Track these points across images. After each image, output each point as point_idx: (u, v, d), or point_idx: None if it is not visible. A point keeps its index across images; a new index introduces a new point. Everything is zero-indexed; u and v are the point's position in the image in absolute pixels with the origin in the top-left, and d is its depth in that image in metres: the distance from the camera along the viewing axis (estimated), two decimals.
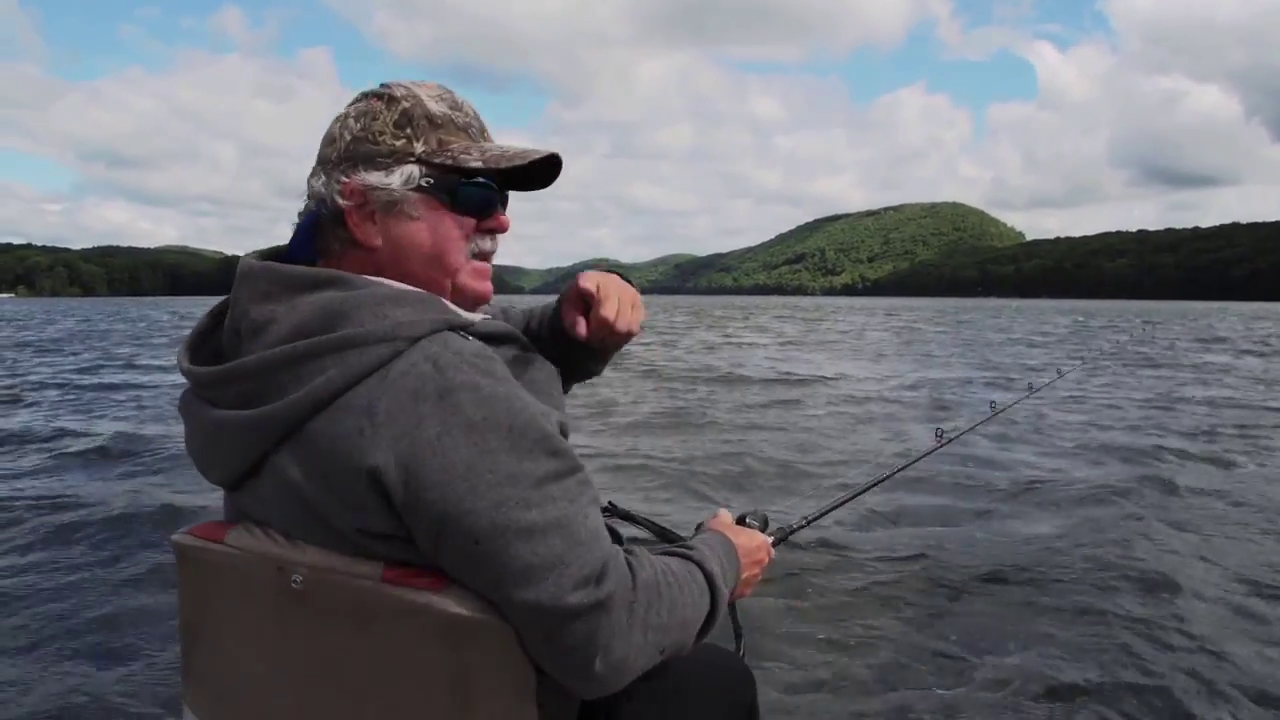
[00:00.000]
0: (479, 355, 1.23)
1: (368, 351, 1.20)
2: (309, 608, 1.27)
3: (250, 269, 1.33)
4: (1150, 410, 12.27)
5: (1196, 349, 26.91)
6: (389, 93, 1.37)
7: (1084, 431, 10.37)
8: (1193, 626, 4.30)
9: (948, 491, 7.15)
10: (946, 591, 4.93)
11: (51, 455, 8.76)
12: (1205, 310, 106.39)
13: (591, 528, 1.23)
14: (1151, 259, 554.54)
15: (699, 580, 1.38)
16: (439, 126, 1.37)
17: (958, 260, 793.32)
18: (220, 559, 1.35)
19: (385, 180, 1.33)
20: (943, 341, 30.94)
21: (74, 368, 19.01)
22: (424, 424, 1.16)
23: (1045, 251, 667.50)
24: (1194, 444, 9.52)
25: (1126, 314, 74.02)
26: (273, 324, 1.26)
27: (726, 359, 21.76)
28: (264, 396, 1.24)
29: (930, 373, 18.10)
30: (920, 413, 12.25)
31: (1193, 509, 6.63)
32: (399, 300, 1.26)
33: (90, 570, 5.14)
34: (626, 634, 1.22)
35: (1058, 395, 12.65)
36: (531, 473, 1.19)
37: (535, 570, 1.16)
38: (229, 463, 1.31)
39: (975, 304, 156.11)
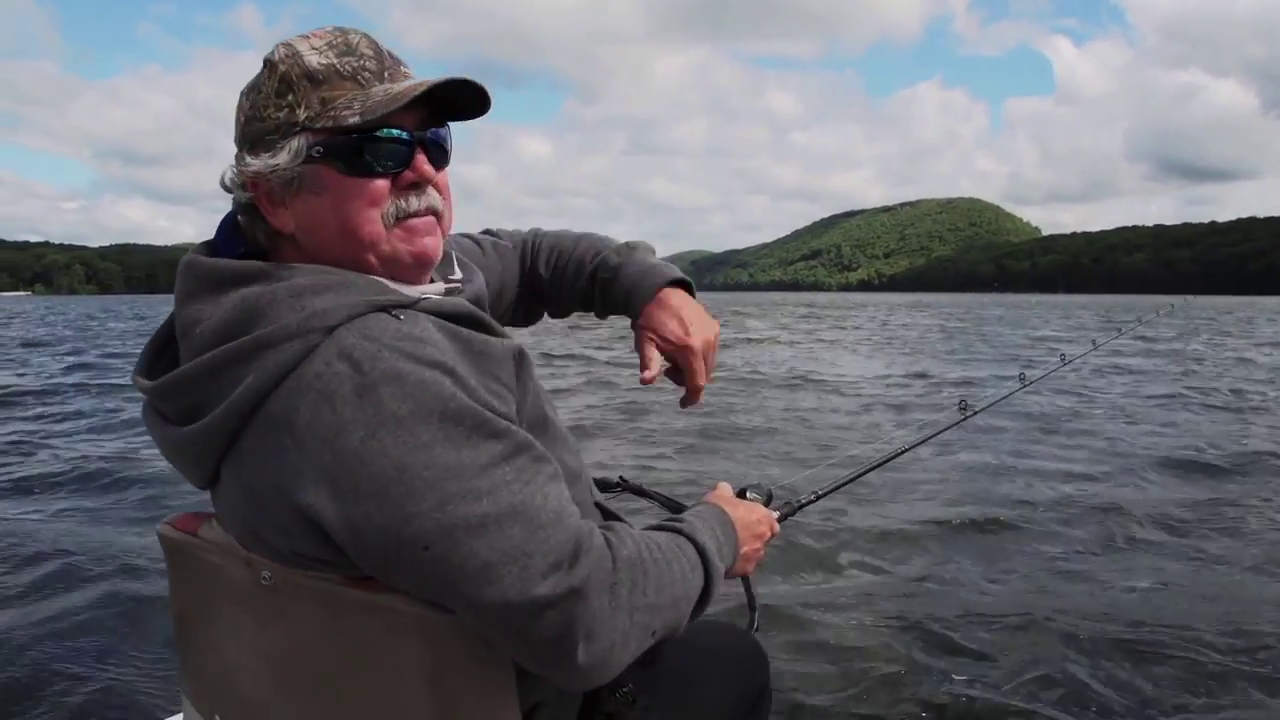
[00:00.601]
0: (403, 338, 1.10)
1: (282, 350, 1.09)
2: (280, 602, 1.23)
3: (182, 264, 1.24)
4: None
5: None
6: (269, 57, 1.22)
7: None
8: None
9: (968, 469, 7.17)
10: (963, 574, 4.96)
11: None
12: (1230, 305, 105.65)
13: (553, 508, 1.11)
14: (1169, 254, 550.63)
15: (689, 554, 1.27)
16: (320, 83, 1.19)
17: (974, 256, 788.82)
18: (197, 552, 1.33)
19: (273, 161, 1.19)
20: (968, 338, 30.70)
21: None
22: (344, 431, 1.05)
23: (1062, 246, 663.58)
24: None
25: (1144, 308, 73.85)
26: (197, 325, 1.18)
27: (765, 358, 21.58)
28: (200, 409, 1.16)
29: (968, 371, 17.94)
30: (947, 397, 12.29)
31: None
32: (319, 288, 1.15)
33: (93, 553, 5.22)
34: (610, 618, 1.10)
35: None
36: (473, 461, 1.07)
37: (494, 566, 1.05)
38: (191, 474, 1.24)
39: (994, 299, 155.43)
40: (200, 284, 1.20)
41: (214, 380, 1.13)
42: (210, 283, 1.20)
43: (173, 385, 1.19)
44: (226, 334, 1.14)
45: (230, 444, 1.15)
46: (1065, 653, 3.88)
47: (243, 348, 1.11)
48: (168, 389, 1.20)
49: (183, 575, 1.39)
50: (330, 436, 1.05)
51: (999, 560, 5.17)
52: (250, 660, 1.31)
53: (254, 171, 1.21)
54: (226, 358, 1.12)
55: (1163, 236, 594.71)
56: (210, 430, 1.14)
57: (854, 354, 22.39)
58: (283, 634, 1.26)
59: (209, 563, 1.31)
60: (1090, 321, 44.37)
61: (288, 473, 1.08)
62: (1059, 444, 9.14)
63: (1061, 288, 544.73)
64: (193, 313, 1.19)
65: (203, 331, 1.16)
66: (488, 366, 1.19)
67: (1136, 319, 8.13)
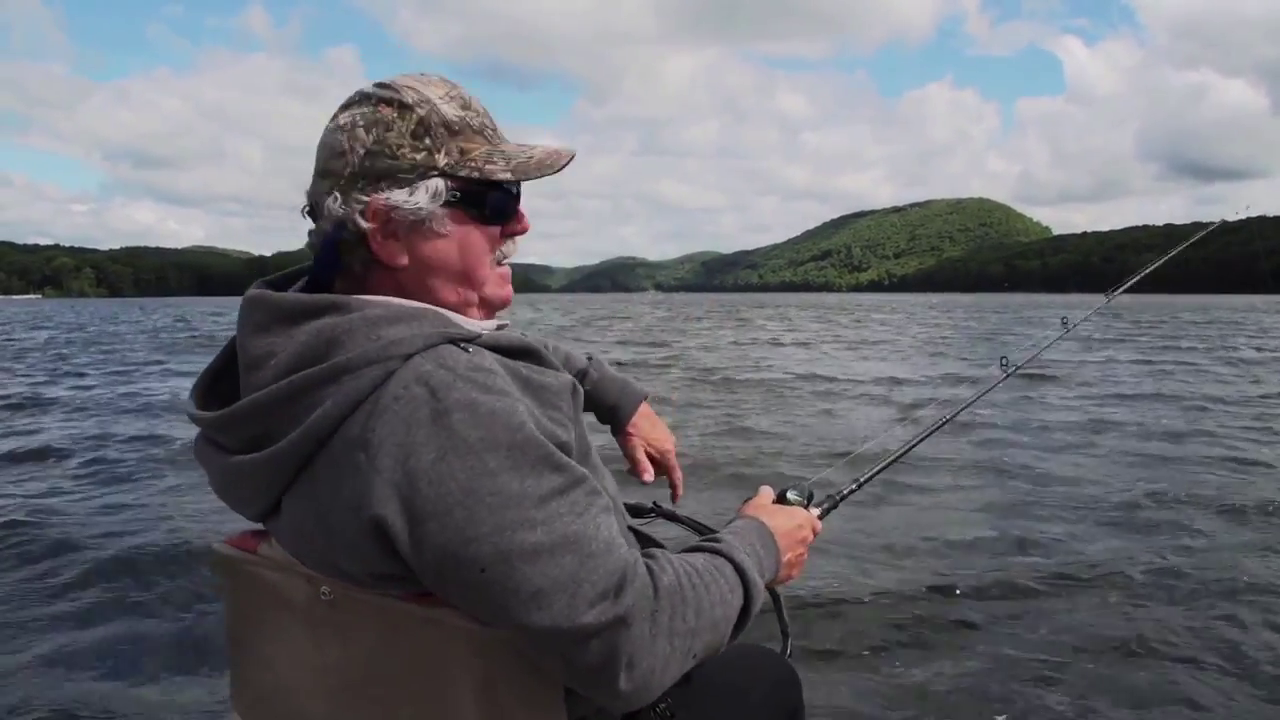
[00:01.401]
0: (475, 369, 1.17)
1: (360, 376, 1.15)
2: (339, 617, 1.27)
3: (248, 299, 1.28)
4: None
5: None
6: (398, 98, 1.27)
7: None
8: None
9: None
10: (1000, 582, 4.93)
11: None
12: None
13: (604, 539, 1.16)
14: (1180, 253, 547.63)
15: (728, 575, 1.30)
16: (457, 133, 1.29)
17: (984, 256, 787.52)
18: (255, 569, 1.36)
19: (411, 198, 1.25)
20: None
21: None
22: (418, 452, 1.11)
23: (1072, 246, 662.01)
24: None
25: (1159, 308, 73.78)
26: (271, 358, 1.22)
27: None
28: (270, 437, 1.20)
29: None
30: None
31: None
32: (393, 318, 1.21)
33: (141, 575, 5.18)
34: (650, 645, 1.15)
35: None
36: (534, 491, 1.12)
37: (545, 593, 1.11)
38: (250, 505, 1.29)
39: (1004, 299, 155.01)
40: (271, 317, 1.24)
41: (290, 406, 1.17)
42: (282, 316, 1.23)
43: (244, 414, 1.22)
44: (303, 362, 1.18)
45: (300, 469, 1.19)
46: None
47: (322, 374, 1.16)
48: (237, 418, 1.23)
49: (238, 593, 1.41)
50: (403, 456, 1.11)
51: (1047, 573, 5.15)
52: (306, 675, 1.34)
53: (389, 204, 1.25)
54: (306, 383, 1.16)
55: (1173, 236, 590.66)
56: (284, 455, 1.18)
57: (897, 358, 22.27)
58: (340, 648, 1.29)
59: (267, 580, 1.34)
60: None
61: (361, 489, 1.12)
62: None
63: (1072, 287, 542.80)
64: (265, 345, 1.23)
65: (278, 363, 1.20)
66: (548, 398, 1.27)
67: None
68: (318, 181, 1.30)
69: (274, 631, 1.37)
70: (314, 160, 1.31)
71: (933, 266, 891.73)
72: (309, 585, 1.29)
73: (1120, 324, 34.03)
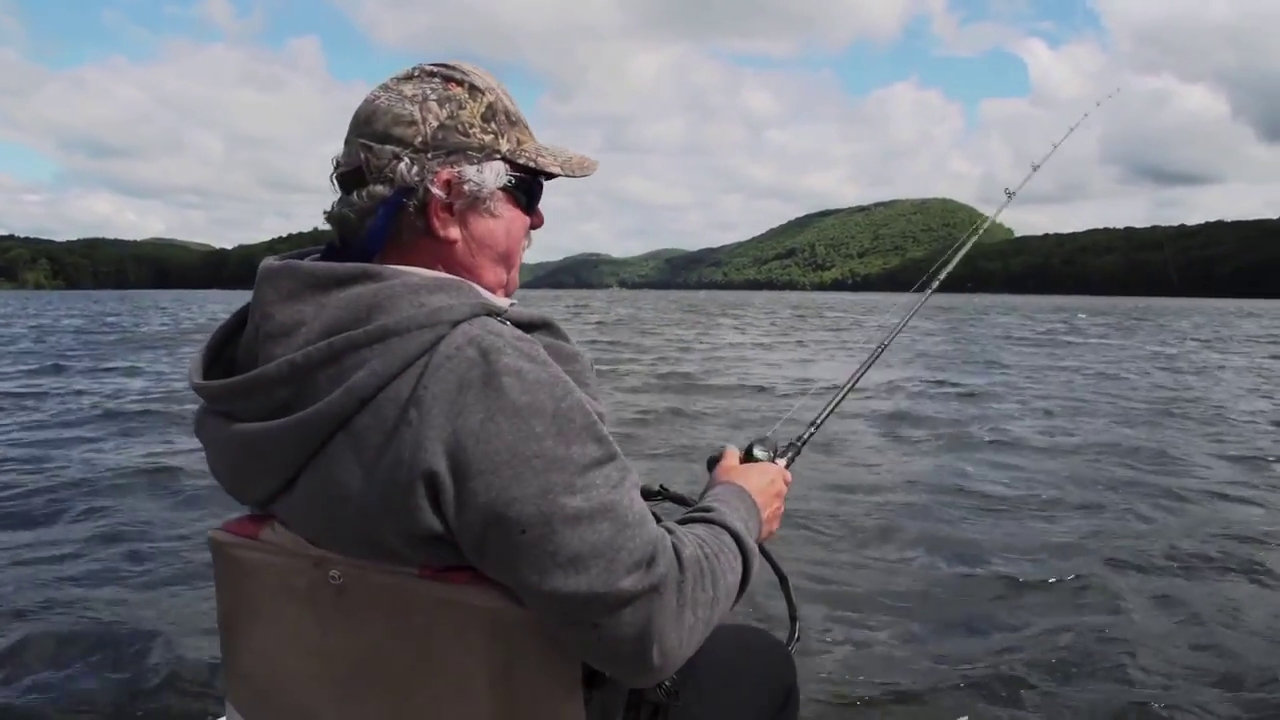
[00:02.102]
0: (520, 339, 1.19)
1: (409, 338, 1.16)
2: (348, 602, 1.25)
3: (271, 269, 1.28)
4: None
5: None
6: (468, 80, 1.32)
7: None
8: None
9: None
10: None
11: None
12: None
13: (638, 511, 1.19)
14: (1138, 256, 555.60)
15: (729, 544, 1.34)
16: (515, 124, 1.36)
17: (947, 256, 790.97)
18: (257, 555, 1.32)
19: (479, 175, 1.30)
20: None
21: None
22: (468, 411, 1.12)
23: (1034, 248, 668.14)
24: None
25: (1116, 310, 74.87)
26: (302, 325, 1.21)
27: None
28: (301, 400, 1.18)
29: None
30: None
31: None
32: (433, 287, 1.22)
33: (128, 564, 5.18)
34: (678, 617, 1.19)
35: None
36: (578, 458, 1.15)
37: (584, 558, 1.13)
38: (266, 479, 1.25)
39: (966, 300, 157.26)
40: (302, 285, 1.24)
41: (329, 368, 1.17)
42: (314, 284, 1.23)
43: (274, 378, 1.19)
44: (342, 326, 1.19)
45: (331, 435, 1.17)
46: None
47: (368, 334, 1.16)
48: (264, 383, 1.20)
49: (234, 580, 1.37)
50: (454, 414, 1.12)
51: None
52: (310, 664, 1.31)
53: (462, 176, 1.30)
54: (349, 344, 1.16)
55: (1133, 239, 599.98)
56: (321, 415, 1.16)
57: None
58: (348, 634, 1.26)
59: (269, 565, 1.31)
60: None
61: (414, 443, 1.13)
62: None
63: (1033, 289, 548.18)
64: (293, 313, 1.22)
65: (310, 329, 1.20)
66: (578, 370, 1.29)
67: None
68: (374, 147, 1.28)
69: (274, 619, 1.33)
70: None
71: (896, 266, 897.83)
72: (316, 570, 1.26)
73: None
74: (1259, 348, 27.52)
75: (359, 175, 1.29)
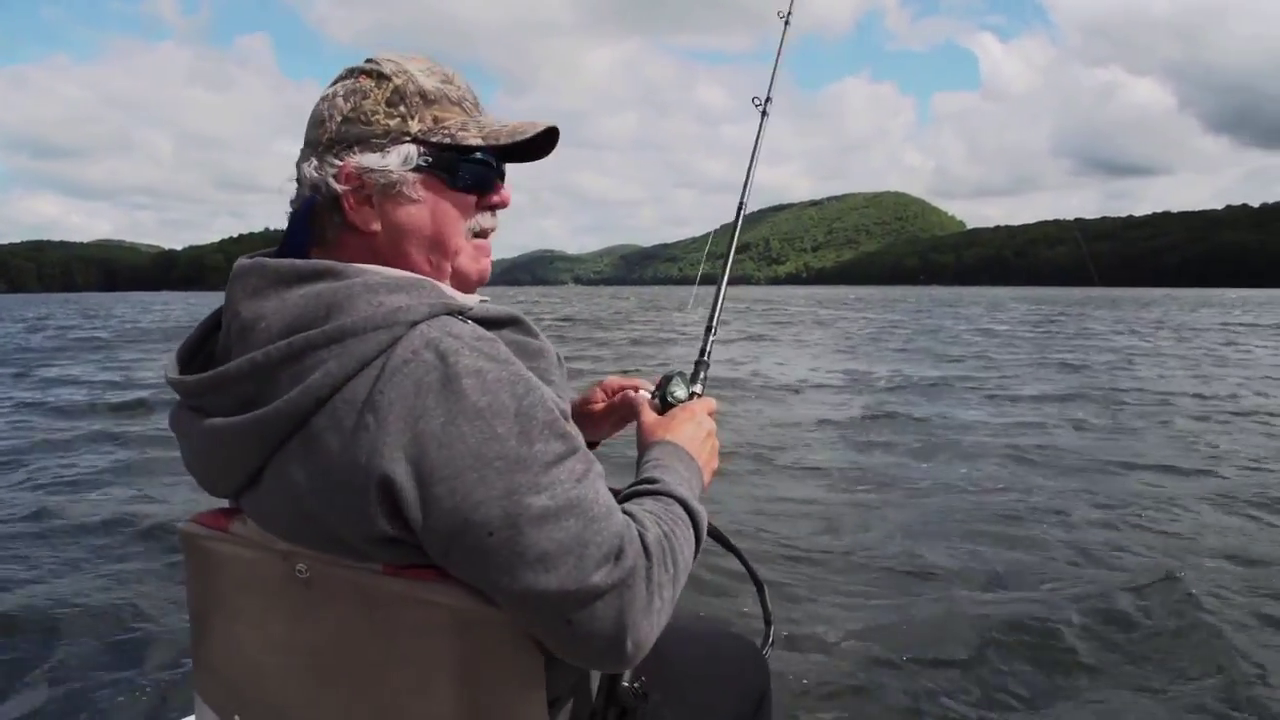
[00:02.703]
0: (480, 338, 1.18)
1: (366, 339, 1.15)
2: (314, 596, 1.25)
3: (239, 268, 1.28)
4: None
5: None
6: (377, 69, 1.31)
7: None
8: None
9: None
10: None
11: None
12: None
13: (604, 503, 1.19)
14: (1090, 247, 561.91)
15: (680, 515, 1.33)
16: (433, 102, 1.31)
17: (900, 249, 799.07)
18: (226, 547, 1.33)
19: (382, 161, 1.28)
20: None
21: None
22: (428, 415, 1.12)
23: (986, 240, 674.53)
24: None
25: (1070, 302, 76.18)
26: (262, 320, 1.21)
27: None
28: (261, 397, 1.19)
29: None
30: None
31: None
32: (393, 286, 1.21)
33: (98, 558, 5.17)
34: (648, 604, 1.18)
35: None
36: (541, 456, 1.15)
37: (552, 556, 1.12)
38: (230, 473, 1.26)
39: (919, 292, 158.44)
40: (266, 282, 1.24)
41: (288, 366, 1.17)
42: (276, 280, 1.23)
43: (238, 374, 1.20)
44: (300, 325, 1.18)
45: (293, 431, 1.18)
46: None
47: (326, 335, 1.16)
48: (229, 379, 1.21)
49: (205, 573, 1.38)
50: (413, 419, 1.11)
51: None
52: (277, 657, 1.31)
53: (361, 166, 1.27)
54: (307, 344, 1.16)
55: (1083, 230, 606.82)
56: (279, 414, 1.16)
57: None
58: (314, 628, 1.27)
59: (238, 558, 1.32)
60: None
61: (369, 449, 1.12)
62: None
63: (986, 280, 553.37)
64: (256, 309, 1.22)
65: (269, 325, 1.20)
66: (543, 367, 1.29)
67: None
68: (301, 152, 1.32)
69: (243, 612, 1.34)
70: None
71: (850, 260, 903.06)
72: (284, 563, 1.26)
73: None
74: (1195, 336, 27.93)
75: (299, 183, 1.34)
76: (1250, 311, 53.45)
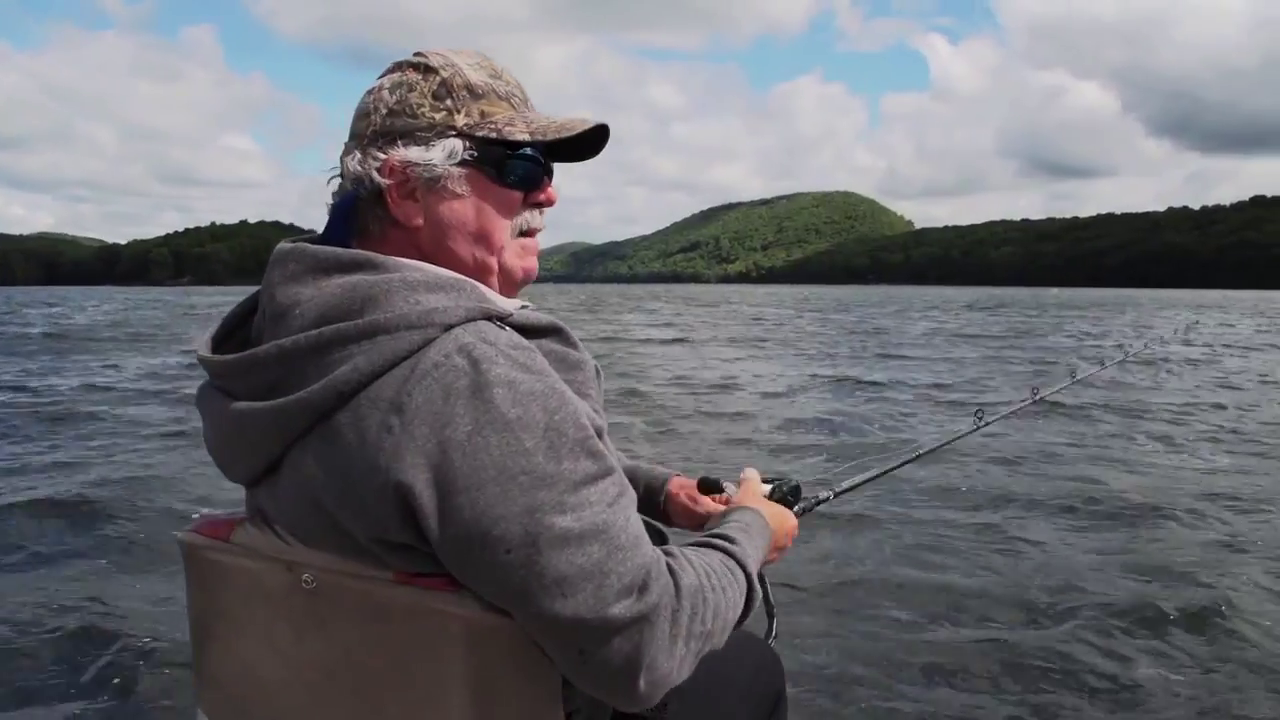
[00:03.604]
0: (515, 347, 1.15)
1: (398, 338, 1.12)
2: (321, 606, 1.22)
3: (280, 251, 1.26)
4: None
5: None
6: (425, 62, 1.29)
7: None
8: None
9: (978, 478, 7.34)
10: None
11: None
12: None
13: (633, 532, 1.15)
14: (1035, 247, 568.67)
15: (740, 579, 1.31)
16: (480, 96, 1.29)
17: (850, 249, 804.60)
18: (228, 558, 1.29)
19: (426, 155, 1.25)
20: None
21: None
22: (454, 423, 1.08)
23: (934, 240, 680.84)
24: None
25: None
26: (296, 307, 1.19)
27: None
28: (287, 385, 1.16)
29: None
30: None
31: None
32: (432, 285, 1.18)
33: (99, 568, 5.06)
34: (670, 647, 1.14)
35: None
36: (569, 475, 1.10)
37: (571, 581, 1.08)
38: (249, 458, 1.23)
39: (870, 291, 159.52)
40: (304, 268, 1.21)
41: (316, 357, 1.14)
42: (315, 267, 1.21)
43: (266, 359, 1.17)
44: (333, 315, 1.16)
45: (315, 423, 1.15)
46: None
47: (357, 329, 1.13)
48: (257, 362, 1.18)
49: (206, 584, 1.34)
50: (439, 425, 1.08)
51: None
52: (282, 669, 1.27)
53: (405, 160, 1.25)
54: (338, 336, 1.13)
55: (1029, 230, 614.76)
56: (301, 404, 1.13)
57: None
58: (321, 640, 1.23)
59: (241, 568, 1.28)
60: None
61: (389, 451, 1.09)
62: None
63: (933, 280, 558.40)
64: (291, 295, 1.20)
65: (304, 311, 1.18)
66: (581, 380, 1.27)
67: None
68: (345, 145, 1.31)
69: (247, 624, 1.30)
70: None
71: (800, 259, 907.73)
72: (289, 573, 1.22)
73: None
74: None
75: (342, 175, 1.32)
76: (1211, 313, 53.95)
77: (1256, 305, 74.51)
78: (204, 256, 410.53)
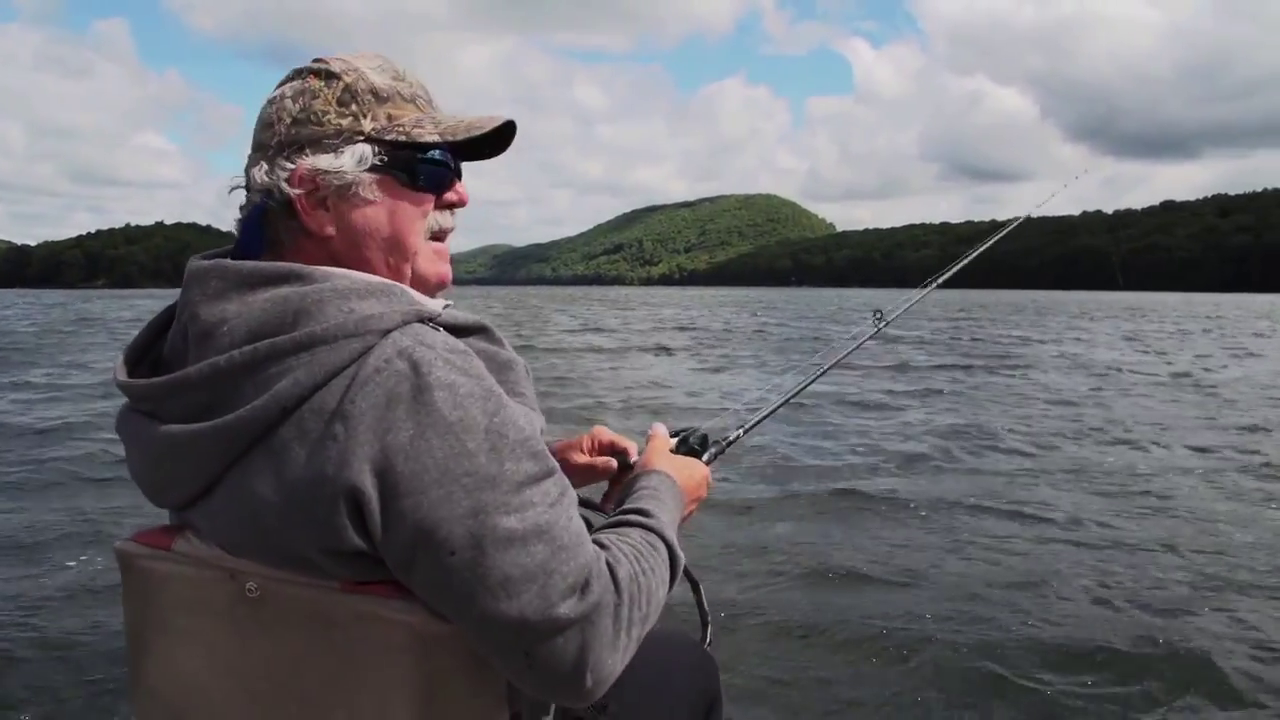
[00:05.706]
0: (453, 350, 1.15)
1: (337, 348, 1.11)
2: (265, 615, 1.21)
3: (198, 269, 1.23)
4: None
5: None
6: (325, 68, 1.26)
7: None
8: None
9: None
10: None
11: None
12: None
13: (575, 531, 1.16)
14: (954, 250, 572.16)
15: (663, 554, 1.32)
16: (385, 100, 1.27)
17: (772, 251, 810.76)
18: (168, 567, 1.27)
19: (336, 163, 1.23)
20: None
21: None
22: (397, 427, 1.08)
23: (855, 242, 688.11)
24: None
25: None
26: (224, 324, 1.16)
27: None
28: (222, 405, 1.14)
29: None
30: None
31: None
32: (364, 292, 1.17)
33: (25, 581, 4.86)
34: (614, 641, 1.16)
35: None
36: (512, 476, 1.11)
37: (514, 582, 1.09)
38: (186, 482, 1.20)
39: (792, 293, 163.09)
40: (228, 284, 1.19)
41: (252, 373, 1.12)
42: (239, 283, 1.19)
43: (198, 380, 1.15)
44: (266, 330, 1.14)
45: (251, 444, 1.13)
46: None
47: (294, 342, 1.12)
48: (188, 384, 1.16)
49: (144, 594, 1.31)
50: (382, 430, 1.08)
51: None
52: (225, 680, 1.26)
53: (314, 168, 1.23)
54: (273, 351, 1.12)
55: (948, 233, 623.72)
56: (242, 423, 1.12)
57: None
58: (265, 648, 1.22)
59: (183, 577, 1.25)
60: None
61: (338, 459, 1.08)
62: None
63: (855, 282, 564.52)
64: (217, 312, 1.17)
65: (233, 328, 1.15)
66: (513, 380, 1.28)
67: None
68: (250, 157, 1.28)
69: (188, 633, 1.28)
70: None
71: (723, 261, 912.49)
72: (232, 581, 1.21)
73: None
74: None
75: (248, 187, 1.29)
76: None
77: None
78: (118, 259, 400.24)
